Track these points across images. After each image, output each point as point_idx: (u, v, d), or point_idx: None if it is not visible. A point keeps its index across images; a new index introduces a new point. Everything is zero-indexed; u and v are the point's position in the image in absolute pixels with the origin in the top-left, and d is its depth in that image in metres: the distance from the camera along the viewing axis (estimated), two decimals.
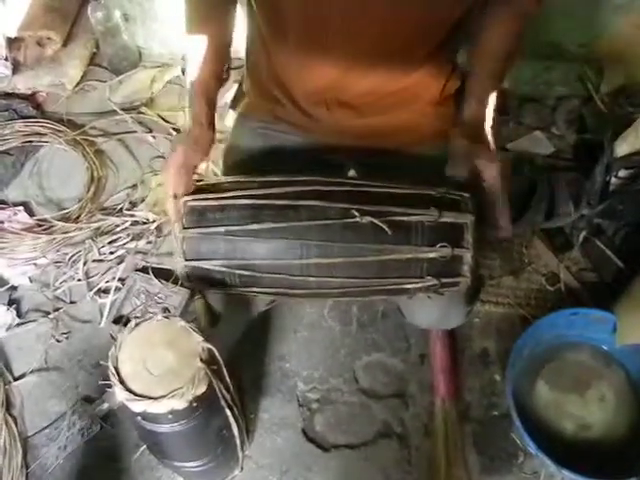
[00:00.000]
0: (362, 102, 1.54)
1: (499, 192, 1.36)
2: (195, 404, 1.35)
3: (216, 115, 1.52)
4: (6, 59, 2.71)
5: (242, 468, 1.84)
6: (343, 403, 2.03)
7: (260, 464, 1.93)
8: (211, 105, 1.50)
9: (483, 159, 1.36)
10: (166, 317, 1.42)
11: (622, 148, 2.20)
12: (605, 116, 2.49)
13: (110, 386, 1.40)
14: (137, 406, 1.32)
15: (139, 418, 1.37)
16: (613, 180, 2.20)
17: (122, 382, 1.34)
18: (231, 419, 1.51)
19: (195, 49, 1.49)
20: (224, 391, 1.44)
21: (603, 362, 2.02)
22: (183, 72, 2.75)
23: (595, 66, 2.59)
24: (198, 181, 1.43)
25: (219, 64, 1.53)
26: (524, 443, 1.88)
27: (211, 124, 1.49)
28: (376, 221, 1.28)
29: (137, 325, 1.42)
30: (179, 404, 1.32)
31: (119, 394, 1.34)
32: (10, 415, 1.99)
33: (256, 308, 1.75)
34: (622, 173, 2.19)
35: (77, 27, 2.85)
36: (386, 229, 1.28)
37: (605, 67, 2.58)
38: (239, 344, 1.92)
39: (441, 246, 1.30)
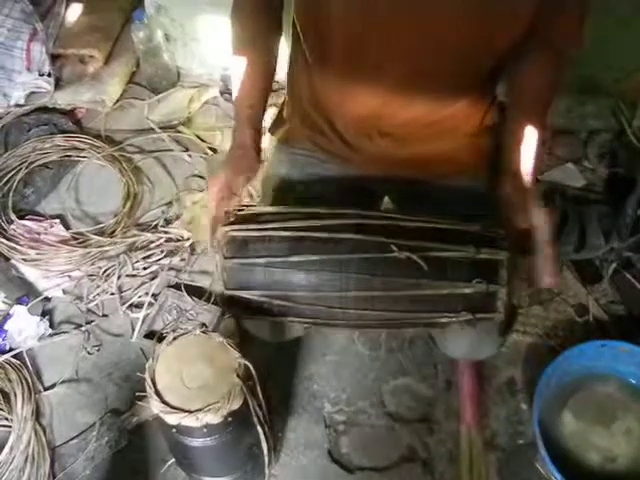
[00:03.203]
0: (403, 132, 1.55)
1: (548, 238, 1.34)
2: (229, 419, 1.37)
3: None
4: (49, 75, 2.77)
5: None
6: (369, 426, 2.03)
7: None
8: (257, 128, 1.51)
9: (533, 213, 1.35)
10: (204, 332, 1.45)
11: None
12: (637, 150, 2.50)
13: (140, 399, 1.42)
14: (172, 418, 1.34)
15: (173, 431, 1.39)
16: None
17: (158, 394, 1.36)
18: (262, 436, 1.53)
19: (240, 72, 1.51)
20: (257, 408, 1.46)
21: (630, 395, 2.01)
22: (221, 93, 2.79)
23: (629, 101, 2.60)
24: (239, 210, 1.43)
25: (264, 88, 1.55)
26: (549, 473, 1.86)
27: (256, 147, 1.50)
28: (414, 257, 1.30)
29: (175, 339, 1.44)
30: (214, 418, 1.35)
31: (154, 406, 1.36)
32: (39, 424, 2.01)
33: (291, 333, 1.75)
34: None
35: (119, 46, 2.91)
36: (423, 264, 1.30)
37: (638, 102, 2.59)
38: (269, 364, 1.94)
39: (477, 282, 1.31)
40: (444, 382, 2.11)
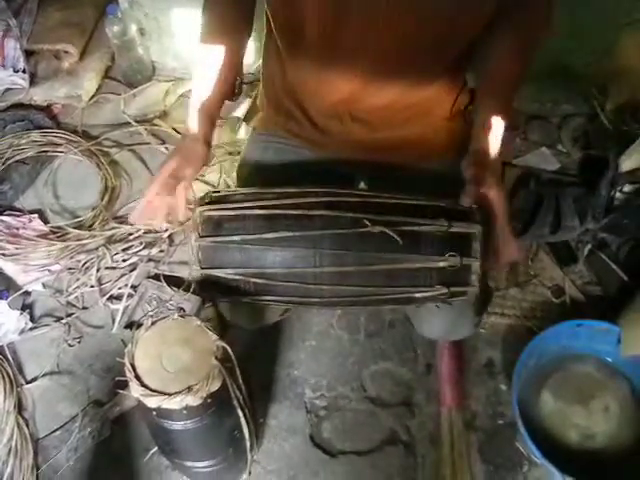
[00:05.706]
0: (376, 116, 1.56)
1: (504, 217, 1.36)
2: (209, 400, 1.38)
3: (216, 131, 1.54)
4: (24, 71, 2.76)
5: (250, 472, 1.86)
6: (350, 410, 2.05)
7: (268, 469, 1.95)
8: (211, 119, 1.51)
9: (490, 186, 1.35)
10: (182, 316, 1.46)
11: (627, 163, 2.25)
12: (610, 132, 2.53)
13: (122, 388, 1.43)
14: (152, 402, 1.35)
15: (154, 414, 1.40)
16: (618, 195, 2.24)
17: (138, 378, 1.37)
18: (242, 420, 1.53)
19: (204, 63, 1.52)
20: (237, 391, 1.47)
21: (607, 373, 2.04)
22: None
23: (600, 84, 2.64)
24: (214, 192, 1.44)
25: (227, 81, 1.55)
26: (529, 452, 1.90)
27: (207, 138, 1.50)
28: (387, 230, 1.30)
29: (153, 323, 1.45)
30: (193, 400, 1.35)
31: (134, 390, 1.36)
32: (22, 417, 2.01)
33: (269, 318, 1.76)
34: (627, 188, 2.24)
35: (94, 41, 2.90)
36: (397, 238, 1.30)
37: (610, 85, 2.62)
38: (249, 351, 1.95)
39: (450, 255, 1.32)
40: (424, 366, 2.12)
